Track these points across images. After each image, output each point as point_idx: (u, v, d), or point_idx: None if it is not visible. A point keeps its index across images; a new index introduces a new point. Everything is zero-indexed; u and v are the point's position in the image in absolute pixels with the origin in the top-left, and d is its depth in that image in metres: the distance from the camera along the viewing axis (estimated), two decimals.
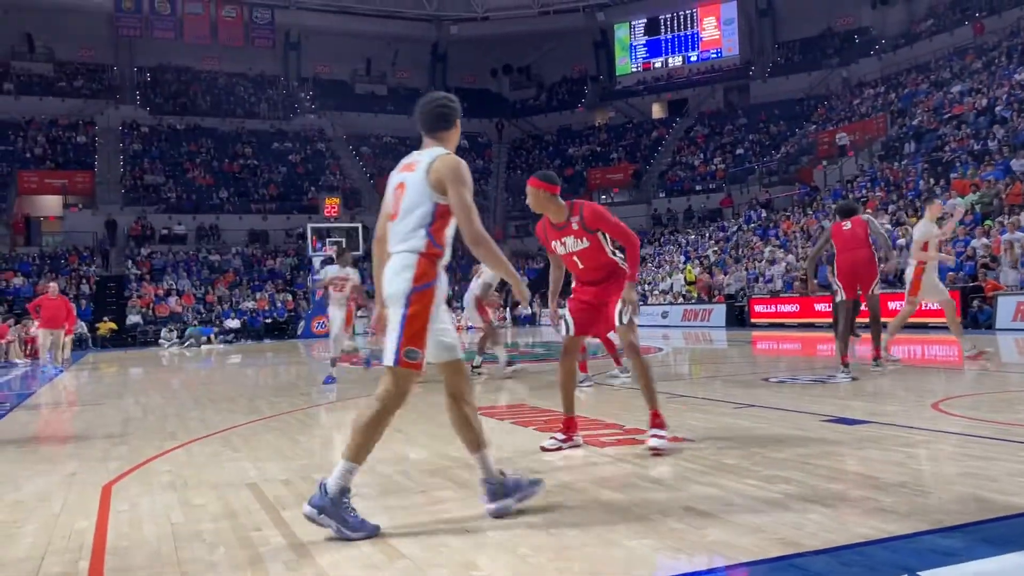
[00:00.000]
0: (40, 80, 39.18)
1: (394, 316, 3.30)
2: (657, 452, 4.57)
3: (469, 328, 30.10)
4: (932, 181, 23.18)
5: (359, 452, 3.28)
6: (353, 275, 10.37)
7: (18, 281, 28.88)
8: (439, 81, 47.18)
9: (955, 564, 2.60)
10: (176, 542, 3.34)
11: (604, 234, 4.81)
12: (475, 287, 10.39)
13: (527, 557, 2.91)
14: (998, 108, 25.27)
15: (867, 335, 9.24)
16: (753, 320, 21.86)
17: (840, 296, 8.21)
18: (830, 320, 19.59)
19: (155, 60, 41.76)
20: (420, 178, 3.35)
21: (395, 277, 3.32)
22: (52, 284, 16.99)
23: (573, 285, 5.09)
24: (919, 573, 2.51)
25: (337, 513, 3.20)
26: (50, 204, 35.62)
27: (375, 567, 2.89)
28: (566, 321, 4.96)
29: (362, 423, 3.28)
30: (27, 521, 3.82)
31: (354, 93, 45.29)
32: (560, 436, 4.93)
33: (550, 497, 3.75)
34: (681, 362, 12.81)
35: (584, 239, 4.77)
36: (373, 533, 3.22)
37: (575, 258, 4.88)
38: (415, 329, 3.26)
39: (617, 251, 4.95)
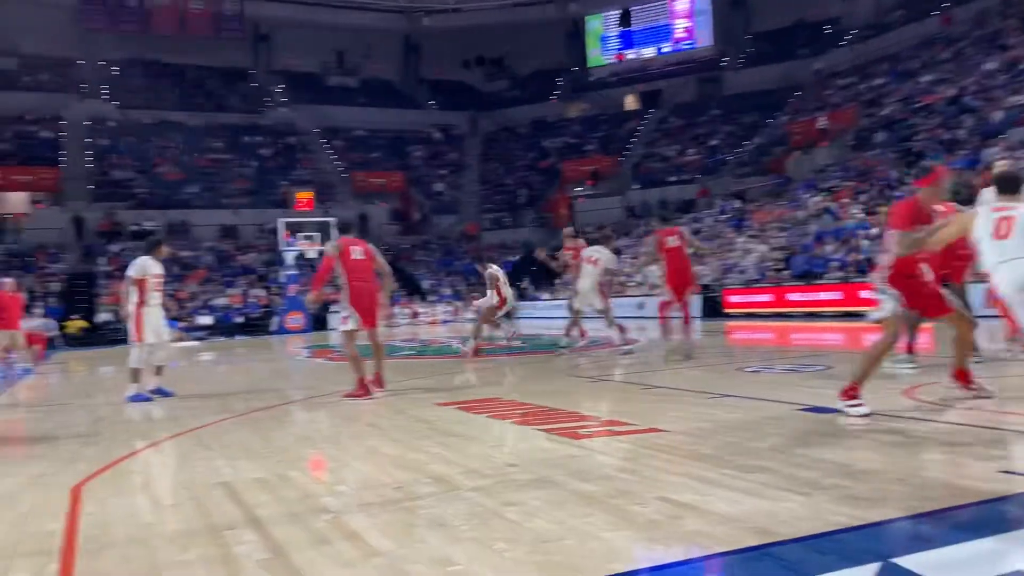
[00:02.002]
0: (4, 74, 38.36)
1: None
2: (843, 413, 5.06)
3: (444, 322, 30.11)
4: (903, 170, 23.43)
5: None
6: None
7: None
8: (412, 73, 46.83)
9: (928, 550, 2.63)
10: (148, 544, 3.28)
11: None
12: (596, 273, 11.15)
13: (504, 552, 2.89)
14: (966, 98, 25.58)
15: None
16: (727, 310, 21.98)
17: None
18: (812, 309, 19.52)
19: (122, 53, 41.04)
20: None
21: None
22: (7, 280, 15.28)
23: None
24: (893, 559, 2.53)
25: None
26: (16, 201, 34.94)
27: (350, 564, 2.87)
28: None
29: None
30: None
31: (326, 86, 44.82)
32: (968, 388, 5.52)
33: (526, 490, 3.75)
34: (657, 352, 12.84)
35: None
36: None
37: None
38: None
39: None
